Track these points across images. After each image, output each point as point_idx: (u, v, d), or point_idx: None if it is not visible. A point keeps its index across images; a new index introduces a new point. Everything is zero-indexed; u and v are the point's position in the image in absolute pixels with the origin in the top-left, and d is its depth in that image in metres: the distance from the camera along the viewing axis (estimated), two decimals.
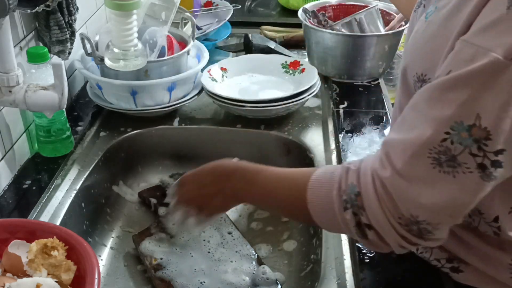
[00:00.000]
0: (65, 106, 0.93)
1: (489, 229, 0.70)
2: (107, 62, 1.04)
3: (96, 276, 0.70)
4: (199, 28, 1.50)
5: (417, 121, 0.60)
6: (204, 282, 0.91)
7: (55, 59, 1.10)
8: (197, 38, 1.30)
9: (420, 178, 0.59)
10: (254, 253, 0.97)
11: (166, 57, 1.16)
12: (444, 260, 0.76)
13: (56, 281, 0.70)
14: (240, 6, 1.62)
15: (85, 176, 1.04)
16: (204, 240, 0.99)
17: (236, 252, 0.97)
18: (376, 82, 1.36)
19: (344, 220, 0.65)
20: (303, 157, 1.13)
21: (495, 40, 0.53)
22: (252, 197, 0.80)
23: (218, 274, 0.93)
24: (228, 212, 1.04)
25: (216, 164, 0.83)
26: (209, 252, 0.97)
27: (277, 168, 0.77)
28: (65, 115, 1.07)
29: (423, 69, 0.66)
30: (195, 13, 1.54)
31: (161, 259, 0.94)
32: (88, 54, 1.13)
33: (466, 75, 0.55)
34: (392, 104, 1.17)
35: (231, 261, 0.95)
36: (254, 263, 0.95)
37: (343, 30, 1.36)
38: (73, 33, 1.10)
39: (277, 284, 0.89)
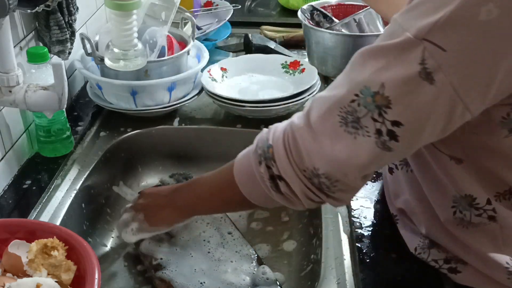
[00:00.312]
0: (65, 106, 0.93)
1: (484, 217, 0.70)
2: (107, 62, 1.04)
3: (96, 276, 0.70)
4: (199, 28, 1.50)
5: (340, 81, 0.65)
6: (204, 282, 0.91)
7: (55, 59, 1.10)
8: (197, 38, 1.30)
9: (327, 133, 0.63)
10: (254, 253, 0.97)
11: (166, 57, 1.16)
12: (441, 261, 0.76)
13: (56, 281, 0.70)
14: (240, 6, 1.62)
15: (85, 176, 1.04)
16: (204, 240, 0.99)
17: (236, 252, 0.97)
18: None
19: (260, 174, 0.70)
20: None
21: (411, 21, 0.57)
22: (196, 201, 0.86)
23: (218, 274, 0.93)
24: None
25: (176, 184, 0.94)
26: (209, 252, 0.97)
27: None
28: (65, 115, 1.07)
29: None
30: (195, 13, 1.54)
31: (161, 259, 0.94)
32: (88, 54, 1.13)
33: (386, 47, 0.59)
34: None
35: (231, 261, 0.95)
36: (254, 263, 0.95)
37: (342, 30, 1.36)
38: (73, 33, 1.10)
39: (277, 284, 0.89)
